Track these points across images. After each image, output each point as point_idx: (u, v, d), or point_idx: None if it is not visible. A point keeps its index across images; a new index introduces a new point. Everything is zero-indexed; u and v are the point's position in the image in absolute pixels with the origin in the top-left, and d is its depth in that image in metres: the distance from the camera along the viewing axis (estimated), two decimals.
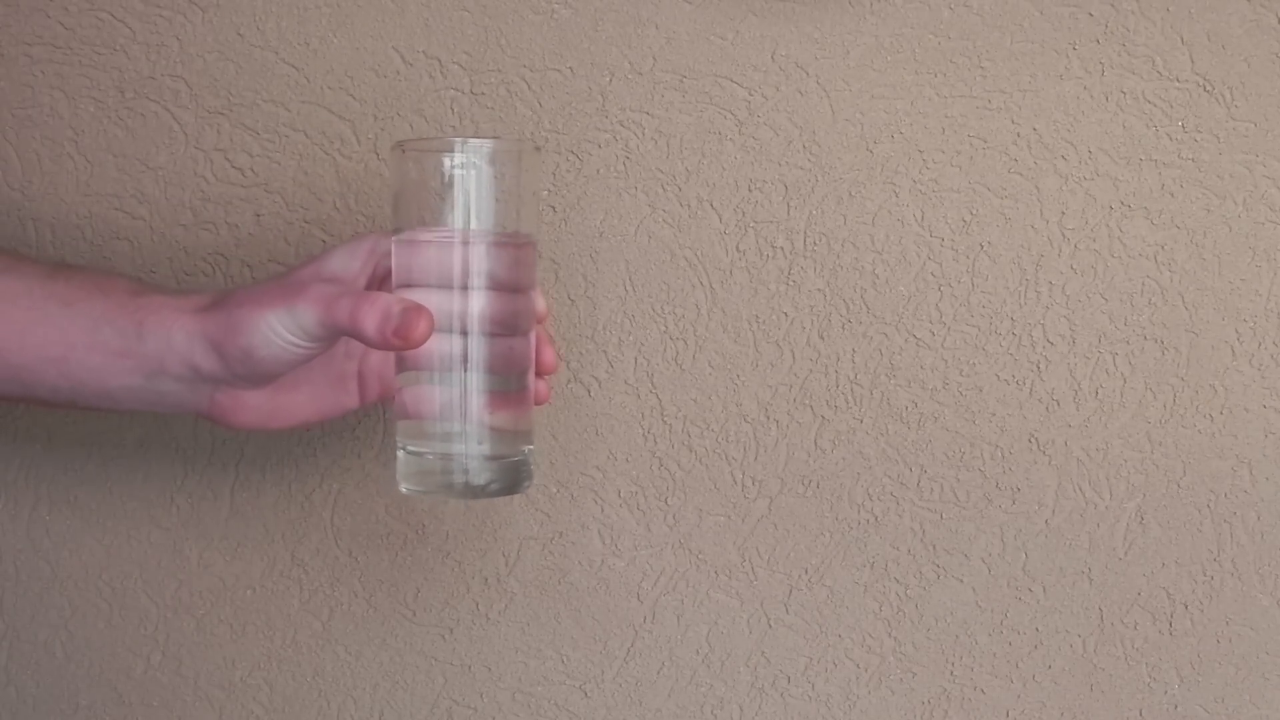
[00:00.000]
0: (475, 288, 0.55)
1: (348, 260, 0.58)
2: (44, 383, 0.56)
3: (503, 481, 0.56)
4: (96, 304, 0.56)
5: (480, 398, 0.55)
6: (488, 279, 0.55)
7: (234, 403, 0.57)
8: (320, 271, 0.58)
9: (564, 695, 0.73)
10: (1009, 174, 0.69)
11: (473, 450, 0.55)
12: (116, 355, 0.55)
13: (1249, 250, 0.69)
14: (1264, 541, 0.71)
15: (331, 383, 0.60)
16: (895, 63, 0.69)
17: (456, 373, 0.55)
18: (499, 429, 0.56)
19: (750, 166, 0.69)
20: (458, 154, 0.55)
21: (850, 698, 0.73)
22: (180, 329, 0.55)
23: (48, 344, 0.55)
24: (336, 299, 0.53)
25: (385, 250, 0.58)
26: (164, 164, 0.70)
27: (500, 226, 0.55)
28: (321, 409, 0.60)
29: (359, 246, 0.59)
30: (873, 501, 0.71)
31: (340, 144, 0.69)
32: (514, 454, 0.57)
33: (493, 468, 0.56)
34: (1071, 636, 0.72)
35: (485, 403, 0.55)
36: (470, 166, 0.55)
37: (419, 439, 0.56)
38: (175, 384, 0.56)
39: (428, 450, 0.56)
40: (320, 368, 0.59)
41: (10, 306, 0.55)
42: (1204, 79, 0.68)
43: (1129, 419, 0.71)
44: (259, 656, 0.73)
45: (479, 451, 0.55)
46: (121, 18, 0.69)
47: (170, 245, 0.70)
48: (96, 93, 0.69)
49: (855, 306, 0.70)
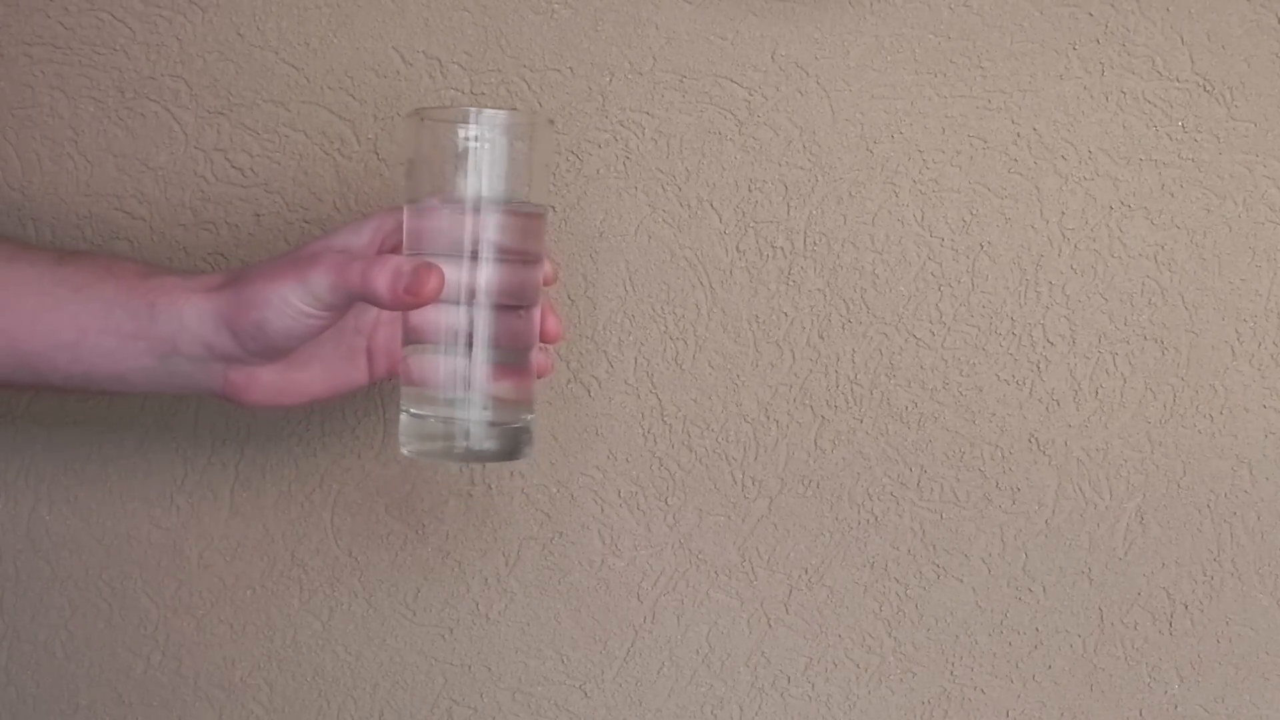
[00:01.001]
0: (484, 257, 0.55)
1: (353, 235, 0.59)
2: (57, 369, 0.56)
3: (504, 447, 0.57)
4: (107, 287, 0.56)
5: (484, 365, 0.56)
6: (497, 248, 0.56)
7: (247, 380, 0.58)
8: (330, 246, 0.58)
9: (564, 695, 0.73)
10: (1009, 174, 0.69)
11: (475, 415, 0.56)
12: (129, 337, 0.56)
13: (1249, 250, 0.69)
14: (1264, 541, 0.71)
15: (341, 358, 0.60)
16: (895, 63, 0.69)
17: (461, 340, 0.56)
18: (501, 397, 0.57)
19: (750, 166, 0.69)
20: (472, 124, 0.55)
21: (850, 698, 0.73)
22: (192, 307, 0.55)
23: (60, 329, 0.55)
24: (348, 263, 0.54)
25: (391, 227, 0.59)
26: (164, 164, 0.70)
27: (512, 197, 0.56)
28: (332, 384, 0.60)
29: (364, 223, 0.59)
30: (873, 501, 0.71)
31: (340, 144, 0.69)
32: (515, 421, 0.57)
33: (494, 433, 0.56)
34: (1071, 636, 0.72)
35: (489, 370, 0.56)
36: (484, 137, 0.55)
37: (422, 403, 0.57)
38: (189, 364, 0.56)
39: (431, 414, 0.56)
40: (330, 343, 0.60)
41: (20, 294, 0.56)
42: (1204, 79, 0.68)
43: (1129, 419, 0.71)
44: (259, 656, 0.73)
45: (481, 417, 0.56)
46: (121, 18, 0.69)
47: (170, 245, 0.70)
48: (96, 93, 0.69)
49: (855, 306, 0.70)
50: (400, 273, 0.53)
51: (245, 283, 0.55)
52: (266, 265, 0.56)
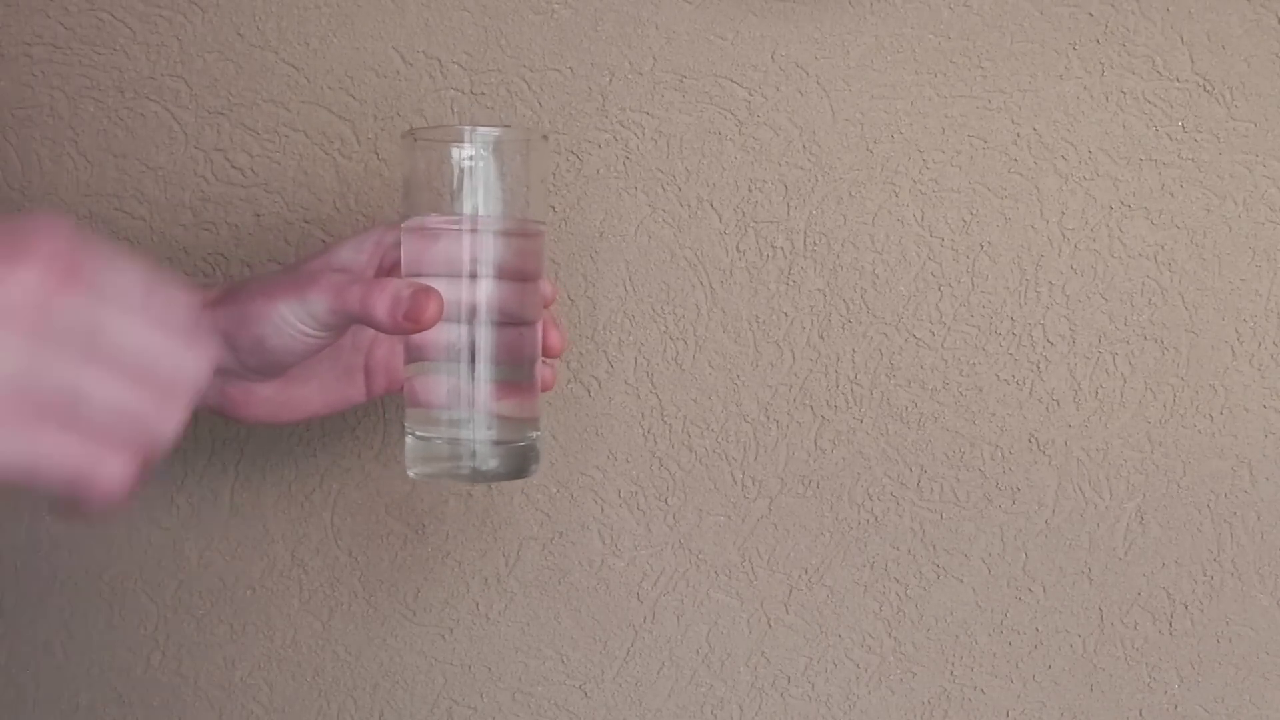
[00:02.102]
0: (483, 275, 0.55)
1: (355, 253, 0.59)
2: None
3: (509, 466, 0.57)
4: None
5: (487, 384, 0.56)
6: (496, 267, 0.55)
7: (244, 396, 0.58)
8: (329, 263, 0.58)
9: (564, 695, 0.73)
10: (1009, 174, 0.69)
11: (480, 435, 0.56)
12: None
13: (1249, 250, 0.69)
14: (1264, 541, 0.71)
15: (339, 376, 0.60)
16: (895, 63, 0.69)
17: (464, 360, 0.55)
18: (505, 415, 0.56)
19: (750, 166, 0.69)
20: (466, 143, 0.55)
21: (850, 698, 0.73)
22: None
23: None
24: (347, 286, 0.53)
25: (392, 242, 0.59)
26: (164, 164, 0.70)
27: (509, 214, 0.56)
28: (329, 401, 0.60)
29: (366, 239, 0.59)
30: (873, 501, 0.71)
31: (340, 144, 0.69)
32: (520, 439, 0.57)
33: (499, 452, 0.56)
34: (1071, 636, 0.72)
35: (492, 389, 0.56)
36: (479, 155, 0.55)
37: (427, 425, 0.57)
38: None
39: (435, 435, 0.56)
40: (328, 361, 0.60)
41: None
42: (1204, 79, 0.68)
43: (1129, 419, 0.71)
44: (259, 656, 0.73)
45: (486, 437, 0.56)
46: (121, 18, 0.69)
47: (170, 245, 0.70)
48: (96, 93, 0.69)
49: (855, 306, 0.70)
50: (399, 298, 0.53)
51: (245, 298, 0.54)
52: (266, 281, 0.55)
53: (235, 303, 0.54)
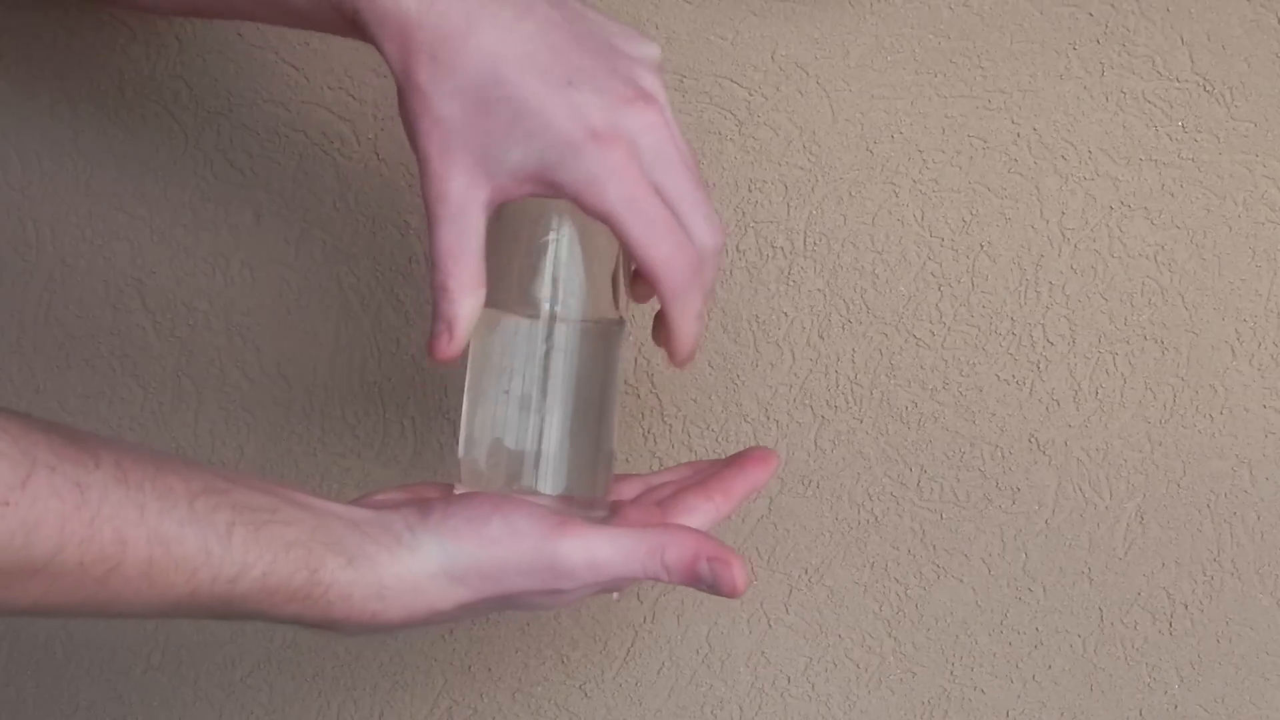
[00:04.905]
0: (556, 373, 0.53)
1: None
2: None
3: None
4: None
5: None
6: (573, 364, 0.54)
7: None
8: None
9: (564, 695, 0.73)
10: (1009, 174, 0.69)
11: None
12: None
13: (1249, 250, 0.69)
14: (1264, 541, 0.71)
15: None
16: (895, 63, 0.69)
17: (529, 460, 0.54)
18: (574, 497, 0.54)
19: (750, 166, 0.69)
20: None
21: (850, 698, 0.73)
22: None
23: None
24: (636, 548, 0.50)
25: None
26: (164, 164, 0.70)
27: (588, 309, 0.54)
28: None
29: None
30: (873, 501, 0.71)
31: (340, 144, 0.69)
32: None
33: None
34: (1071, 636, 0.72)
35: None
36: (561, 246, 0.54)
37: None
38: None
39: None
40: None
41: None
42: (1204, 79, 0.68)
43: (1129, 419, 0.71)
44: (259, 656, 0.73)
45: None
46: (121, 18, 0.69)
47: (170, 245, 0.70)
48: (96, 93, 0.69)
49: (855, 306, 0.70)
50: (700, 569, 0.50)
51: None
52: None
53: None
